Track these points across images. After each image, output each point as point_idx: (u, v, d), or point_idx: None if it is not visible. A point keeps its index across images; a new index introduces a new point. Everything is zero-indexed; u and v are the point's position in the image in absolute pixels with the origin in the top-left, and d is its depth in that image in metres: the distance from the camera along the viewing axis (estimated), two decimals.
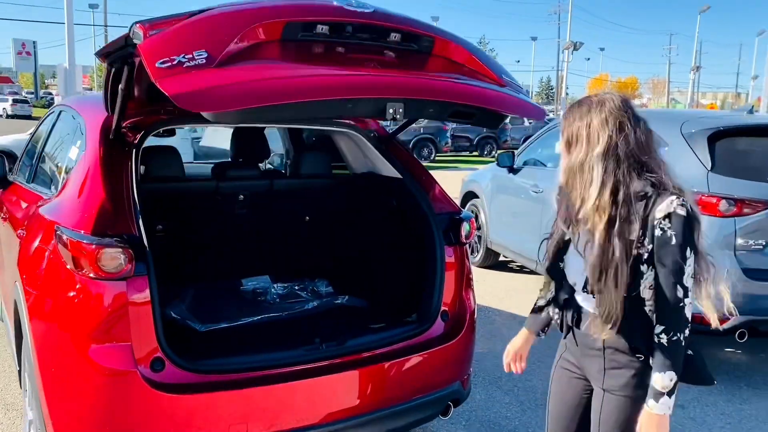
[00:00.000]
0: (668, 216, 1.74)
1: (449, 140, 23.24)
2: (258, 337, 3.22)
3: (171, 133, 5.90)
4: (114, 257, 2.59)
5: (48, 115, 4.60)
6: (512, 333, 2.42)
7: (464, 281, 3.47)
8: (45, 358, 2.74)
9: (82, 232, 2.65)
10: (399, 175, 3.59)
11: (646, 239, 1.77)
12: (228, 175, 3.73)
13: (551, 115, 35.16)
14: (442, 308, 3.33)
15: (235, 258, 3.98)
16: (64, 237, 2.66)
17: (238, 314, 3.39)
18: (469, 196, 8.17)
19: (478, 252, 7.80)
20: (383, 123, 3.89)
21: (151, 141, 3.26)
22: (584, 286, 1.94)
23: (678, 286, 1.75)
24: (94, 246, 2.59)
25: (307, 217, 4.12)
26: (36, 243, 3.03)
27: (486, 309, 6.18)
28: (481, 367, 4.66)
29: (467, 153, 25.81)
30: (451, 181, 8.54)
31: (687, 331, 1.77)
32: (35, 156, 4.30)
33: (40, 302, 2.82)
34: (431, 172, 3.77)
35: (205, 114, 2.25)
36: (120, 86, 2.56)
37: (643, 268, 1.79)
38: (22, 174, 4.41)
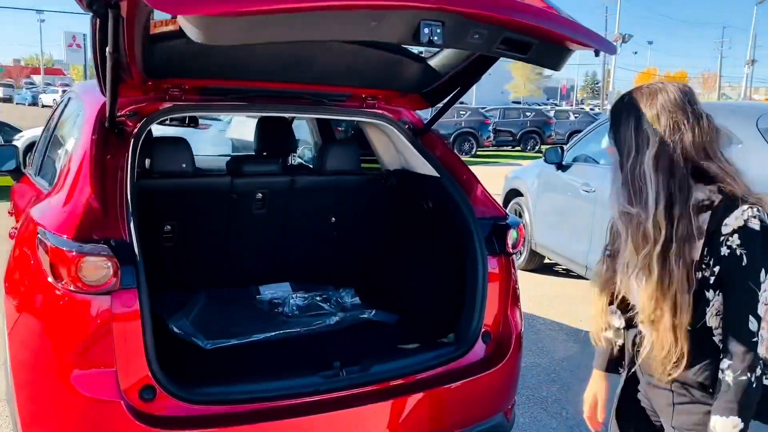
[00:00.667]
0: (738, 231, 1.47)
1: (491, 134, 22.60)
2: (270, 357, 2.82)
3: (193, 122, 5.60)
4: (97, 267, 2.21)
5: (60, 103, 4.33)
6: (557, 345, 2.10)
7: (510, 297, 3.01)
8: (21, 381, 2.39)
9: (65, 236, 2.27)
10: (435, 173, 3.14)
11: (712, 260, 1.50)
12: (244, 171, 3.32)
13: (597, 110, 34.17)
14: (484, 328, 2.88)
15: (251, 263, 3.58)
16: (46, 242, 2.29)
17: (249, 329, 2.99)
18: (513, 194, 7.67)
19: (521, 254, 7.30)
20: (420, 113, 3.44)
21: (172, 133, 2.87)
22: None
23: (750, 317, 1.49)
24: (74, 253, 2.22)
25: (333, 218, 3.69)
26: (22, 246, 2.68)
27: (529, 317, 5.67)
28: (524, 384, 4.16)
29: (510, 148, 25.10)
30: (493, 178, 8.06)
31: (759, 371, 1.51)
32: (44, 146, 4.01)
33: (19, 316, 2.46)
34: (471, 167, 3.31)
35: (188, 25, 1.72)
36: (108, 49, 2.14)
37: (709, 294, 1.53)
38: (33, 165, 4.12)
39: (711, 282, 1.52)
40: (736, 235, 1.47)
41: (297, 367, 2.59)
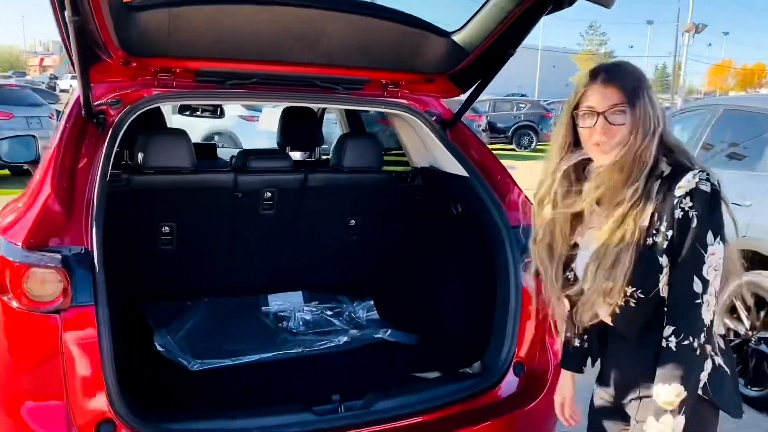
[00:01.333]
0: (690, 193, 1.47)
1: (553, 128, 21.72)
2: (262, 383, 2.45)
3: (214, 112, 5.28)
4: (44, 280, 1.89)
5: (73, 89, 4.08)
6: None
7: (548, 321, 2.54)
8: None
9: (14, 243, 1.95)
10: (465, 173, 2.70)
11: (664, 224, 1.49)
12: (249, 167, 2.95)
13: (667, 105, 32.59)
14: (516, 358, 2.43)
15: (259, 269, 3.22)
16: None
17: (245, 347, 2.64)
18: None
19: None
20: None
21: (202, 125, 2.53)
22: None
23: (695, 278, 1.47)
24: (17, 264, 1.89)
25: (352, 221, 3.28)
26: None
27: None
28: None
29: None
30: None
31: (703, 337, 1.47)
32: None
33: None
34: (531, 162, 2.85)
35: None
36: (66, 13, 1.80)
37: (662, 260, 1.50)
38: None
39: (664, 247, 1.49)
40: (688, 198, 1.47)
41: (289, 397, 2.21)
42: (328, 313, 2.98)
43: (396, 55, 2.66)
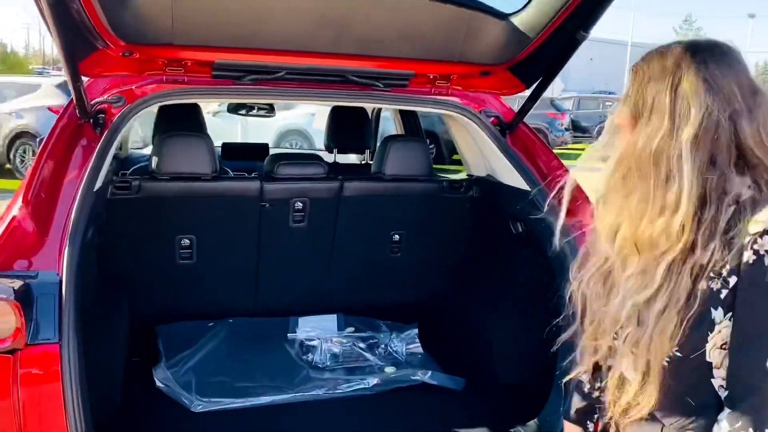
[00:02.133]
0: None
1: None
2: None
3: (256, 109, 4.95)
4: (0, 312, 1.56)
5: None
6: None
7: None
8: None
9: None
10: (526, 186, 2.23)
11: (726, 267, 1.06)
12: (278, 174, 2.58)
13: None
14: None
15: (289, 288, 2.85)
16: None
17: (258, 386, 2.28)
18: None
19: None
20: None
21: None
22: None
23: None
24: None
25: (396, 236, 2.85)
26: None
27: None
28: None
29: None
30: None
31: None
32: None
33: None
34: None
35: None
36: None
37: (716, 314, 1.08)
38: None
39: (722, 297, 1.09)
40: (766, 237, 1.05)
41: None
42: (361, 345, 2.56)
43: (445, 43, 2.22)
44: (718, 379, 1.12)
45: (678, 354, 1.11)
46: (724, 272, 1.08)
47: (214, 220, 2.64)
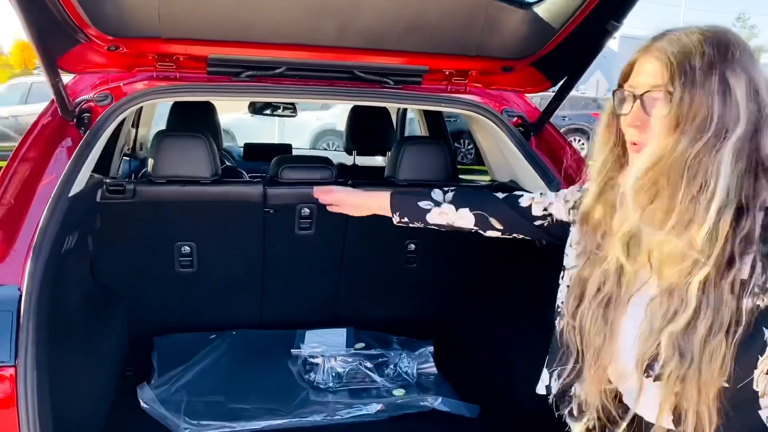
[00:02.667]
0: None
1: None
2: None
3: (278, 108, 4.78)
4: None
5: None
6: None
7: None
8: None
9: None
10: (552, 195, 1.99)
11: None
12: (281, 178, 2.40)
13: None
14: None
15: (296, 299, 2.66)
16: None
17: (253, 407, 2.10)
18: None
19: None
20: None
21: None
22: (648, 369, 1.04)
23: None
24: None
25: (412, 245, 2.64)
26: None
27: None
28: None
29: None
30: None
31: None
32: None
33: None
34: None
35: None
36: None
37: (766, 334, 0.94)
38: None
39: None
40: None
41: None
42: (368, 365, 2.35)
43: (461, 35, 2.00)
44: (766, 410, 0.98)
45: (725, 385, 0.97)
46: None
47: (215, 227, 2.47)
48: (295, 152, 4.63)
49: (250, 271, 2.56)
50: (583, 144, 14.82)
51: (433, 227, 1.58)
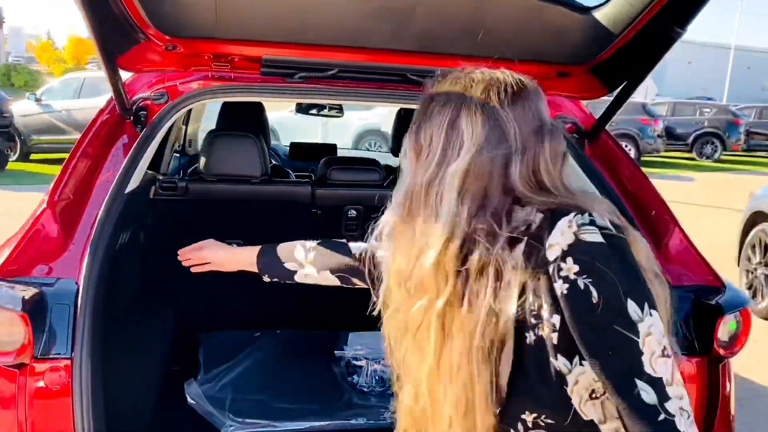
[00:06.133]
0: (570, 251, 0.91)
1: (742, 136, 19.20)
2: None
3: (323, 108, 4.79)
4: (5, 322, 1.45)
5: None
6: None
7: (716, 419, 1.74)
8: None
9: None
10: None
11: (544, 309, 0.93)
12: (329, 179, 2.41)
13: None
14: None
15: (341, 300, 2.66)
16: None
17: (296, 408, 2.10)
18: (758, 218, 5.85)
19: (765, 297, 5.54)
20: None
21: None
22: None
23: (637, 384, 0.89)
24: None
25: None
26: None
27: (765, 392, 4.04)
28: None
29: (766, 154, 21.18)
30: (737, 191, 6.32)
31: None
32: None
33: None
34: (712, 174, 2.03)
35: None
36: None
37: (558, 364, 0.94)
38: None
39: (556, 343, 0.93)
40: (569, 259, 0.91)
41: None
42: None
43: (518, 40, 1.97)
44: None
45: (549, 420, 0.98)
46: (545, 314, 0.93)
47: (263, 225, 2.50)
48: (339, 153, 4.64)
49: None
50: (630, 150, 14.54)
51: None
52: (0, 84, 13.79)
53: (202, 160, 2.39)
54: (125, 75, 2.23)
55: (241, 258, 1.65)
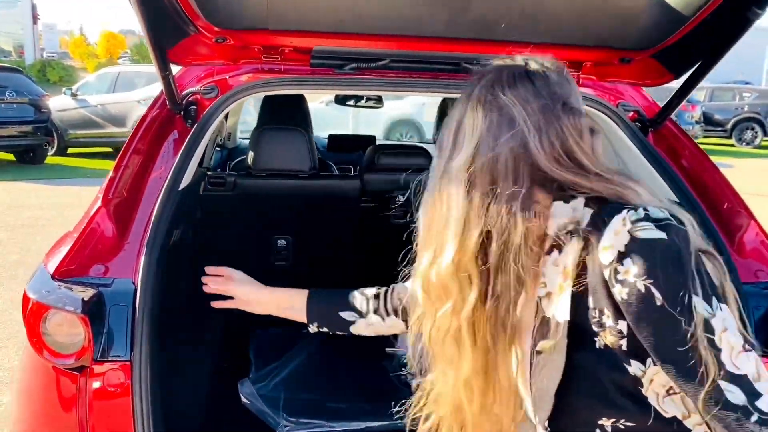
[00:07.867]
0: (627, 252, 0.85)
1: None
2: None
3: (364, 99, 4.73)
4: (63, 325, 1.42)
5: None
6: None
7: None
8: None
9: (47, 272, 1.53)
10: (673, 196, 1.87)
11: (607, 316, 0.89)
12: (378, 164, 2.35)
13: None
14: None
15: None
16: None
17: (350, 407, 2.06)
18: None
19: None
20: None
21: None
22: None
23: (724, 387, 0.82)
24: (34, 301, 1.45)
25: None
26: None
27: None
28: None
29: None
30: None
31: None
32: None
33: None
34: (752, 161, 1.93)
35: None
36: None
37: (633, 369, 0.90)
38: None
39: (626, 349, 0.89)
40: (627, 261, 0.85)
41: None
42: None
43: (579, 25, 1.89)
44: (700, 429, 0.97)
45: (629, 423, 0.94)
46: (608, 322, 0.89)
47: (311, 220, 2.45)
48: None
49: (343, 266, 2.53)
50: None
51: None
52: (36, 80, 13.92)
53: (251, 155, 2.35)
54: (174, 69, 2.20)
55: (275, 300, 1.47)
